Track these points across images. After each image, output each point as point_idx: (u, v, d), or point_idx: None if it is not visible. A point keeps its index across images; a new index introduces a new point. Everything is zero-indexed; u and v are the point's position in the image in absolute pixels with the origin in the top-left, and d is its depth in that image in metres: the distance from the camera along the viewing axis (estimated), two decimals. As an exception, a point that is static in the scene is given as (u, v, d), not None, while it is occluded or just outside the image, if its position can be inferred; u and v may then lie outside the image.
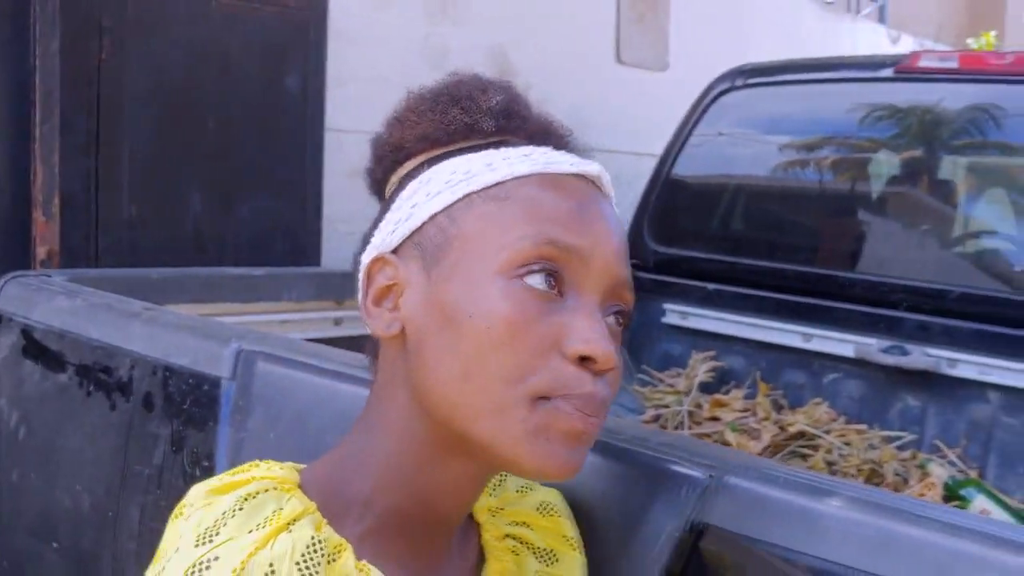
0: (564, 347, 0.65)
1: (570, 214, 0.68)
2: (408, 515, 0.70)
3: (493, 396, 0.65)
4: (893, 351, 2.35)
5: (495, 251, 0.66)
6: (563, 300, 0.67)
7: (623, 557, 0.88)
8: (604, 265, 0.68)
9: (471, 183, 0.69)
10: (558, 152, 0.73)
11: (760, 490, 0.84)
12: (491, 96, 0.75)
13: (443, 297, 0.67)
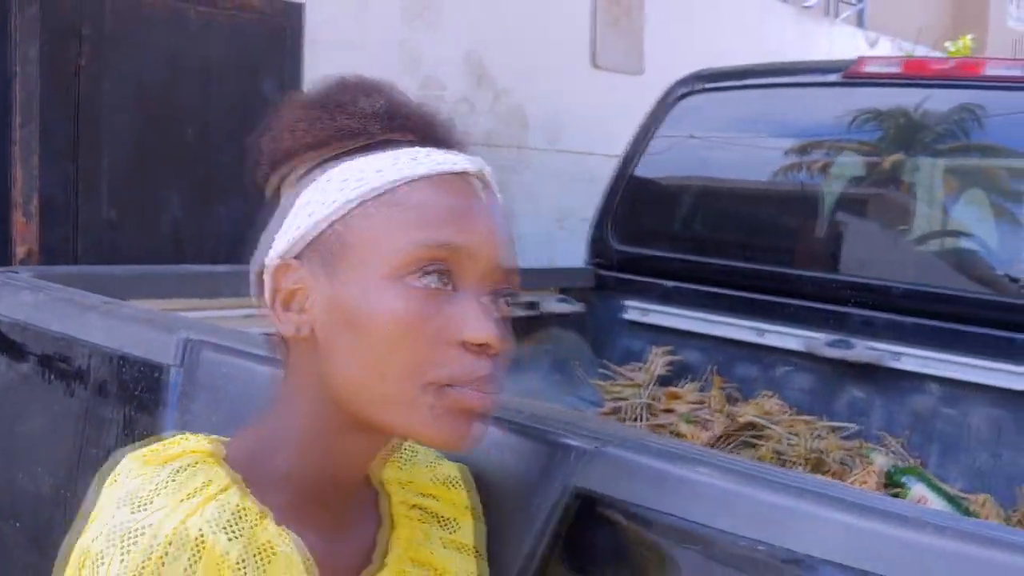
0: (459, 337, 0.73)
1: (456, 214, 0.75)
2: (321, 486, 0.79)
3: (400, 390, 0.73)
4: (838, 345, 2.44)
5: (389, 256, 0.73)
6: (454, 294, 0.74)
7: (519, 521, 0.97)
8: (490, 258, 0.76)
9: (363, 189, 0.75)
10: (443, 152, 0.79)
11: (635, 458, 0.93)
12: (374, 99, 0.79)
13: (345, 300, 0.74)
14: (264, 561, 0.69)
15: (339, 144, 0.78)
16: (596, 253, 2.96)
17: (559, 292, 2.87)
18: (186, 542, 0.65)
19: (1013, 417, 2.31)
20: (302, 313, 0.76)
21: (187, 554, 0.65)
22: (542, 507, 0.96)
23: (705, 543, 0.87)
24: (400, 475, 0.90)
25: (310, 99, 0.81)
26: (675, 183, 2.91)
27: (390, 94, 0.82)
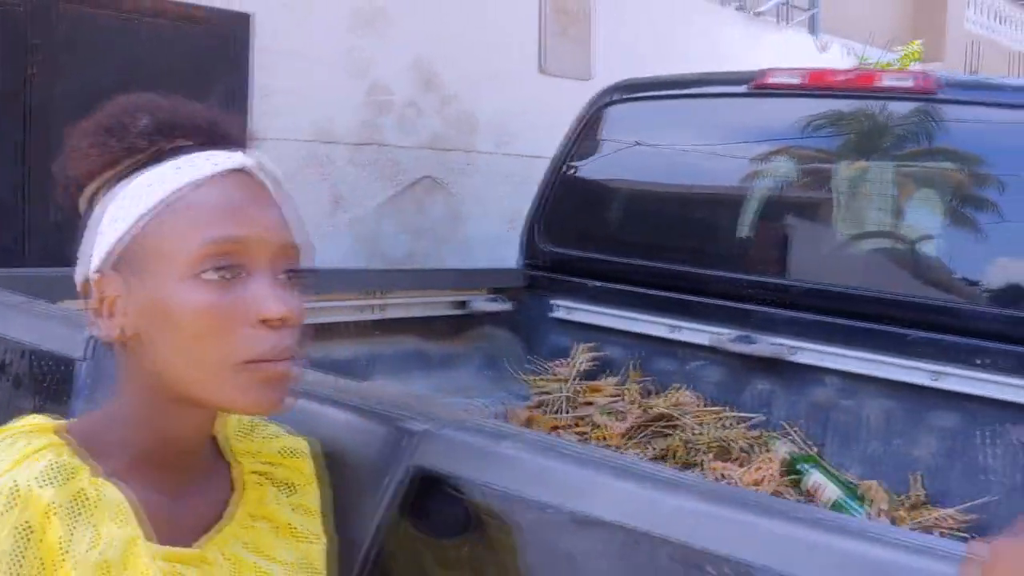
0: (257, 317, 0.86)
1: (235, 209, 0.86)
2: (157, 452, 0.92)
3: (215, 372, 0.86)
4: (741, 340, 2.60)
5: (183, 256, 0.85)
6: (241, 280, 0.86)
7: (368, 495, 1.11)
8: (267, 242, 0.87)
9: (152, 201, 0.87)
10: (223, 153, 0.89)
11: (462, 438, 1.07)
12: (139, 119, 0.89)
13: (155, 302, 0.86)
14: (79, 505, 0.82)
15: (130, 161, 0.89)
16: (527, 254, 3.11)
17: (490, 292, 3.01)
18: (5, 489, 0.79)
19: (903, 408, 2.47)
20: (122, 317, 0.88)
21: (5, 498, 0.79)
22: (387, 483, 1.10)
23: (520, 509, 1.01)
24: (249, 447, 1.04)
25: (96, 124, 0.91)
26: (599, 187, 3.05)
27: (168, 107, 0.92)
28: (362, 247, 4.23)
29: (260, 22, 3.65)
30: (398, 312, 2.80)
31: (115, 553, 0.84)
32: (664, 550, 0.90)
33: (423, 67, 4.36)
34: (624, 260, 2.91)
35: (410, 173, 4.37)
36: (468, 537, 1.07)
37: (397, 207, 4.34)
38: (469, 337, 3.00)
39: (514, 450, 1.02)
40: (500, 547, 1.03)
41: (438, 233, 4.48)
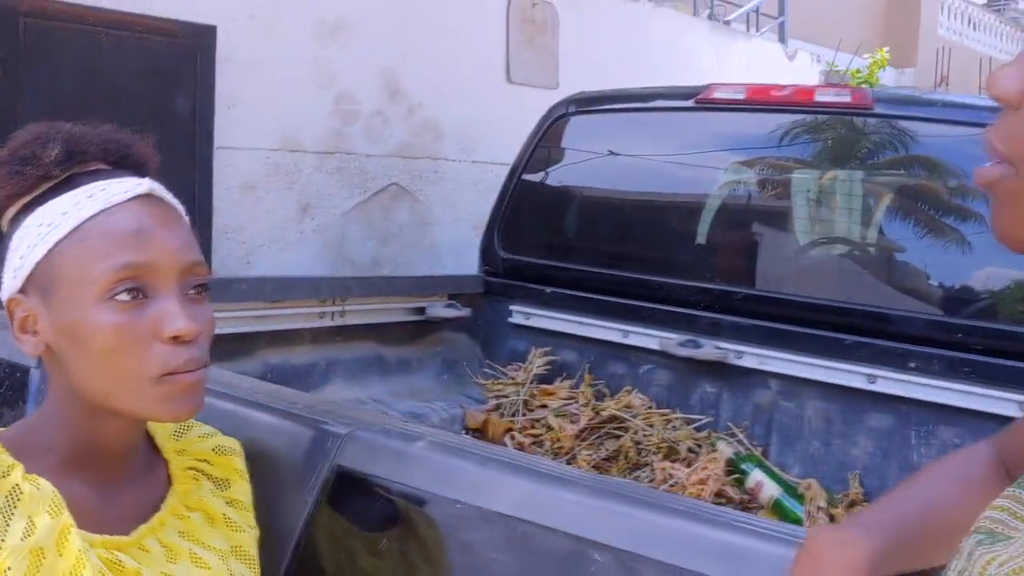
0: (163, 335, 0.94)
1: (138, 236, 0.94)
2: (84, 454, 1.00)
3: (129, 387, 0.94)
4: (688, 344, 2.68)
5: (88, 284, 0.92)
6: (150, 300, 0.94)
7: (296, 488, 1.20)
8: (172, 263, 0.95)
9: (56, 234, 0.93)
10: (119, 182, 0.96)
11: (376, 439, 1.16)
12: (50, 149, 0.95)
13: (65, 324, 0.94)
14: (13, 499, 0.90)
15: (46, 186, 0.97)
16: (485, 261, 3.19)
17: (449, 298, 3.09)
18: None
19: (841, 410, 2.56)
20: (36, 335, 0.96)
21: None
22: (314, 480, 1.18)
23: (427, 504, 1.09)
24: (184, 446, 1.12)
25: (11, 153, 0.97)
26: (554, 197, 3.14)
27: (79, 134, 0.99)
28: (329, 253, 4.31)
29: (225, 34, 3.72)
30: (357, 319, 2.87)
31: (48, 540, 0.92)
32: (555, 540, 0.99)
33: (389, 76, 4.43)
34: (578, 267, 2.99)
35: (377, 181, 4.45)
36: (386, 529, 1.15)
37: (364, 214, 4.41)
38: (428, 342, 3.08)
39: (424, 451, 1.11)
40: (414, 539, 1.11)
41: (405, 239, 4.56)
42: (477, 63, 4.82)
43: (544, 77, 5.10)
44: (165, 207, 1.00)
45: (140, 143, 1.06)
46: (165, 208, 1.00)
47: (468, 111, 4.70)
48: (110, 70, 3.31)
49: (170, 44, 3.47)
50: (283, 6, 3.97)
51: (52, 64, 3.15)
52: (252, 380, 1.35)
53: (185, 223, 1.03)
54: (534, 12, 5.08)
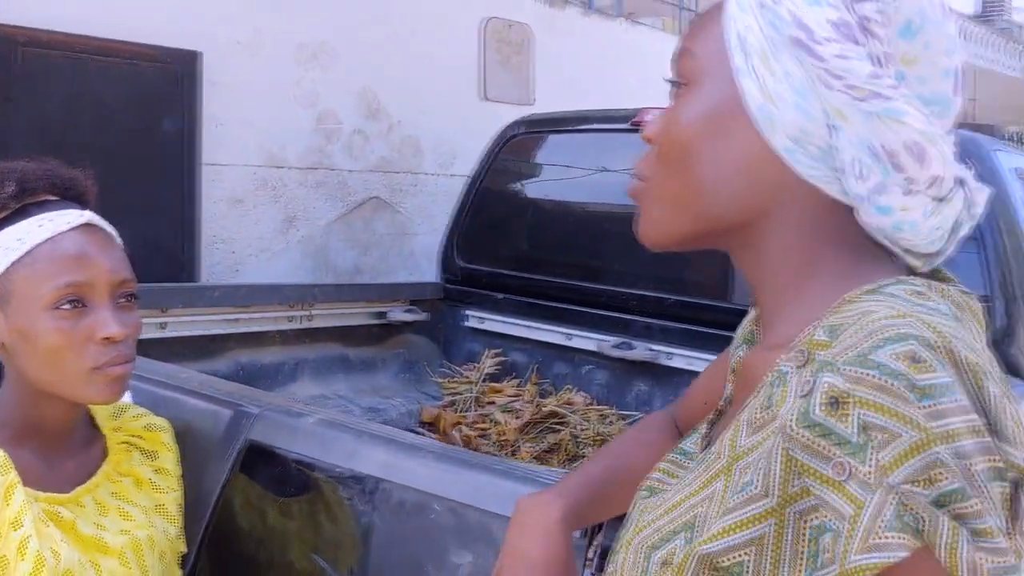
0: (97, 337, 1.19)
1: (74, 260, 1.19)
2: (32, 428, 1.25)
3: (68, 378, 1.19)
4: (622, 346, 2.93)
5: (37, 298, 1.17)
6: (87, 309, 1.19)
7: (216, 459, 1.45)
8: (106, 280, 1.20)
9: (11, 255, 1.18)
10: (64, 213, 1.19)
11: (279, 417, 1.41)
12: (7, 186, 1.18)
13: (19, 328, 1.19)
14: None
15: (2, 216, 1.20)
16: (445, 268, 3.45)
17: (410, 303, 3.36)
18: None
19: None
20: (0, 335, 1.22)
21: None
22: (230, 452, 1.44)
23: (317, 469, 1.35)
24: (120, 424, 1.38)
25: None
26: (505, 211, 3.40)
27: (31, 171, 1.23)
28: (312, 262, 4.58)
29: (209, 59, 3.99)
30: (323, 322, 3.14)
31: None
32: (406, 494, 1.24)
33: (369, 97, 4.70)
34: (527, 275, 3.25)
35: (358, 194, 4.72)
36: (285, 490, 1.41)
37: (346, 225, 4.68)
38: (391, 344, 3.34)
39: (313, 426, 1.37)
40: (307, 497, 1.37)
41: (385, 248, 4.83)
42: (453, 82, 5.09)
43: (519, 94, 5.36)
44: (101, 233, 1.26)
45: (82, 177, 1.32)
46: (101, 234, 1.25)
47: (445, 128, 4.96)
48: (101, 94, 3.59)
49: (157, 69, 3.75)
50: (265, 32, 4.24)
51: (47, 89, 3.42)
52: (189, 371, 1.60)
53: (118, 245, 1.29)
54: (510, 32, 5.34)
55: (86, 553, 1.26)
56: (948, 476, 0.55)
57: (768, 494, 0.60)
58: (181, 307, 2.78)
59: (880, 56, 0.66)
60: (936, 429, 0.55)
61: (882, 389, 0.56)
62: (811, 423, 0.58)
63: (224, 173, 4.19)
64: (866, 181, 0.67)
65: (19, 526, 1.18)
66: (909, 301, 0.63)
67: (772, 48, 0.68)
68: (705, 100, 0.72)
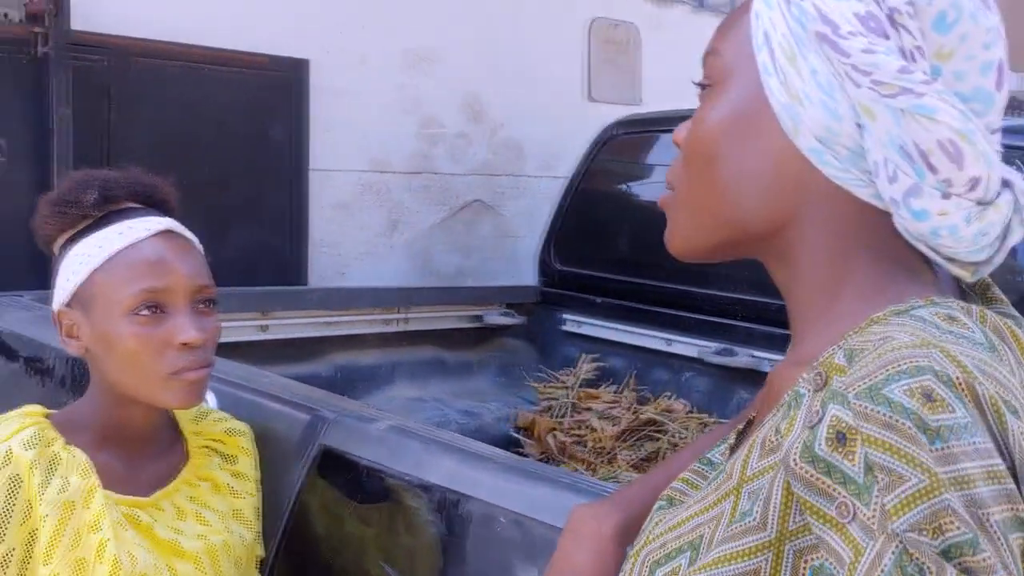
0: (175, 342, 1.20)
1: (153, 267, 1.21)
2: (114, 431, 1.27)
3: (147, 382, 1.21)
4: (723, 353, 2.85)
5: (118, 303, 1.19)
6: (166, 315, 1.21)
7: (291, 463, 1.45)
8: (183, 286, 1.22)
9: (92, 262, 1.21)
10: (144, 220, 1.22)
11: (353, 423, 1.41)
12: (88, 193, 1.22)
13: (101, 333, 1.21)
14: (54, 463, 1.18)
15: (85, 223, 1.24)
16: (542, 272, 3.43)
17: (506, 306, 3.34)
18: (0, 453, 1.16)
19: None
20: (79, 340, 1.24)
21: (0, 459, 1.15)
22: (304, 457, 1.44)
23: (386, 476, 1.34)
24: (201, 428, 1.40)
25: (57, 197, 1.25)
26: (604, 213, 3.34)
27: (113, 180, 1.26)
28: (415, 265, 4.62)
29: (317, 66, 4.07)
30: (420, 325, 3.15)
31: (78, 496, 1.20)
32: (471, 505, 1.21)
33: (472, 100, 4.71)
34: (625, 278, 3.19)
35: (461, 197, 4.73)
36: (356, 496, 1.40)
37: (448, 229, 4.70)
38: (486, 347, 3.34)
39: (383, 432, 1.35)
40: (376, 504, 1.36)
41: (487, 251, 4.83)
42: (558, 83, 5.05)
43: (625, 94, 5.29)
44: (180, 240, 1.27)
45: (162, 184, 1.34)
46: (180, 241, 1.27)
47: (548, 130, 4.93)
48: (213, 102, 3.69)
49: (267, 77, 3.84)
50: (371, 39, 4.30)
51: (161, 100, 3.54)
52: (269, 375, 1.62)
53: (197, 251, 1.30)
54: (615, 32, 5.28)
55: (162, 557, 1.27)
56: (958, 525, 0.50)
57: (766, 527, 0.57)
58: (281, 310, 2.83)
59: (911, 50, 0.62)
60: (946, 474, 0.51)
61: (890, 427, 0.52)
62: (815, 457, 0.54)
63: (331, 178, 4.27)
64: (898, 183, 0.62)
65: (98, 529, 1.21)
66: (937, 327, 0.59)
67: (798, 45, 0.65)
68: (730, 101, 0.69)
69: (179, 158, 3.61)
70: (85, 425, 1.27)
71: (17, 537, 1.17)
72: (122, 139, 3.46)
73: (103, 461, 1.24)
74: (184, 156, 3.63)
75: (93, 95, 3.37)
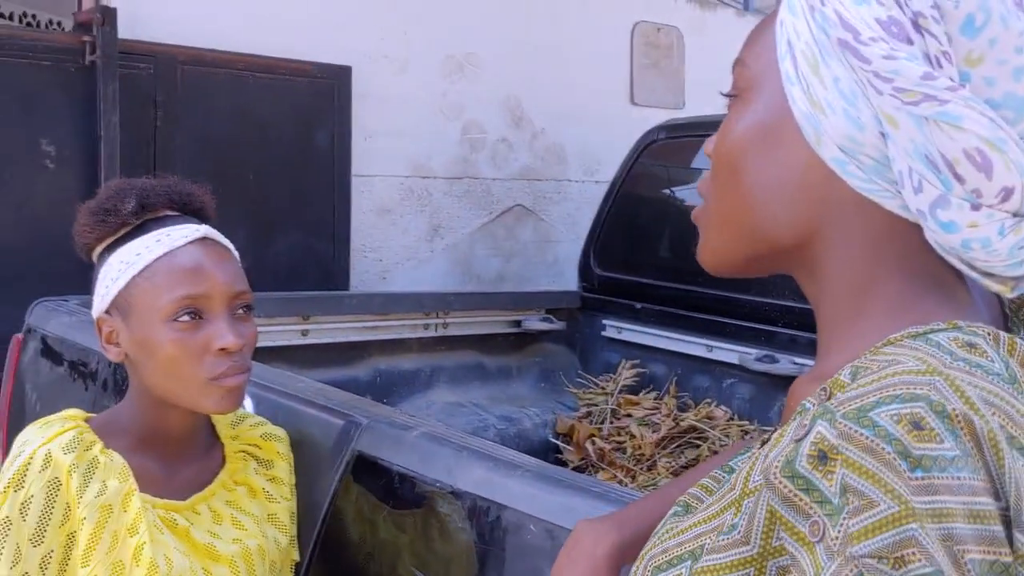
0: (213, 347, 1.21)
1: (192, 273, 1.22)
2: (152, 436, 1.29)
3: (188, 387, 1.22)
4: (765, 360, 2.81)
5: (156, 310, 1.20)
6: (204, 321, 1.22)
7: (326, 467, 1.46)
8: (222, 292, 1.23)
9: (132, 269, 1.22)
10: (182, 228, 1.23)
11: (386, 428, 1.41)
12: (127, 201, 1.23)
13: (140, 339, 1.22)
14: (92, 467, 1.19)
15: (117, 233, 1.26)
16: (582, 277, 3.41)
17: (545, 312, 3.33)
18: (40, 456, 1.17)
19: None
20: (118, 346, 1.26)
21: (40, 462, 1.17)
22: (338, 462, 1.45)
23: (418, 482, 1.34)
24: (238, 433, 1.41)
25: (97, 205, 1.27)
26: (645, 218, 3.32)
27: (151, 188, 1.28)
28: (458, 270, 4.63)
29: (360, 73, 4.10)
30: (459, 330, 3.15)
31: (116, 499, 1.22)
32: (505, 514, 1.21)
33: (514, 105, 4.72)
34: (667, 284, 3.16)
35: (502, 202, 4.74)
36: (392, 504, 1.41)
37: (490, 233, 4.71)
38: (526, 353, 3.33)
39: (416, 439, 1.35)
40: (408, 510, 1.36)
41: (528, 256, 4.83)
42: (600, 88, 5.04)
43: (669, 99, 5.26)
44: (218, 247, 1.28)
45: (199, 192, 1.36)
46: (217, 248, 1.28)
47: (590, 134, 4.92)
48: (257, 109, 3.74)
49: (310, 83, 3.88)
50: (413, 45, 4.32)
51: (206, 106, 3.60)
52: (305, 379, 1.63)
53: (234, 258, 1.31)
54: (659, 36, 5.25)
55: (198, 560, 1.29)
56: (920, 558, 0.49)
57: (749, 543, 0.57)
58: (322, 315, 2.85)
59: (936, 56, 0.59)
60: (921, 505, 0.49)
61: (871, 451, 0.51)
62: (795, 473, 0.54)
63: (373, 184, 4.30)
64: (924, 194, 0.60)
65: (135, 532, 1.22)
66: (952, 354, 0.57)
67: (821, 52, 0.63)
68: (755, 111, 0.68)
69: (224, 164, 3.67)
70: (124, 429, 1.29)
71: (56, 539, 1.19)
72: (168, 146, 3.52)
73: (141, 465, 1.26)
74: (229, 162, 3.69)
75: (140, 102, 3.43)
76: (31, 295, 3.03)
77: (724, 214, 0.72)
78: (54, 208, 3.24)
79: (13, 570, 1.17)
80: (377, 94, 4.22)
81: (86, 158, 3.32)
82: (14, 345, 2.18)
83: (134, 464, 1.25)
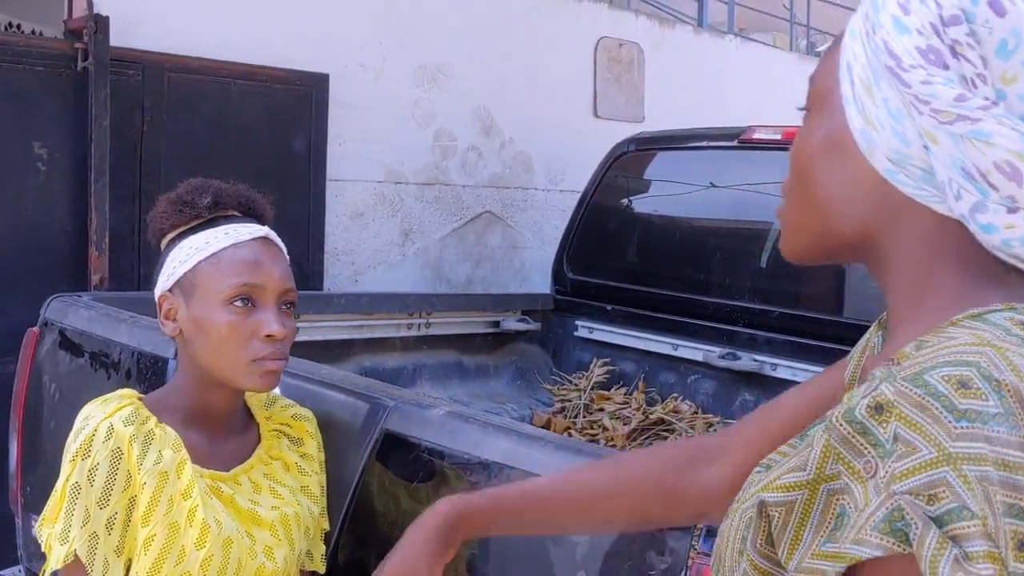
0: (261, 334, 1.37)
1: (251, 265, 1.37)
2: (200, 412, 1.43)
3: (234, 366, 1.36)
4: (728, 357, 3.01)
5: (217, 292, 1.36)
6: (256, 309, 1.37)
7: (354, 446, 1.61)
8: (274, 286, 1.38)
9: (201, 256, 1.37)
10: (246, 225, 1.39)
11: (413, 409, 1.57)
12: (203, 197, 1.38)
13: (197, 317, 1.37)
14: (149, 438, 1.33)
15: (196, 223, 1.41)
16: (556, 281, 3.59)
17: (521, 313, 3.50)
18: (103, 429, 1.31)
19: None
20: (175, 323, 1.40)
21: (103, 434, 1.30)
22: (368, 440, 1.60)
23: (446, 457, 1.50)
24: (271, 413, 1.55)
25: (176, 196, 1.42)
26: (615, 225, 3.52)
27: (224, 189, 1.43)
28: (428, 273, 4.78)
29: (336, 80, 4.24)
30: (440, 329, 3.31)
31: (171, 467, 1.35)
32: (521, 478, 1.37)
33: (484, 115, 4.89)
34: (635, 287, 3.36)
35: (472, 208, 4.90)
36: (417, 475, 1.56)
37: (459, 238, 4.87)
38: (503, 352, 3.50)
39: (442, 417, 1.51)
40: (435, 481, 1.52)
41: (497, 261, 5.00)
42: (566, 100, 5.23)
43: (630, 112, 5.48)
44: (274, 247, 1.44)
45: (262, 199, 1.51)
46: (274, 248, 1.44)
47: (556, 144, 5.11)
48: (239, 114, 3.86)
49: (289, 90, 4.01)
50: (388, 55, 4.47)
51: (190, 111, 3.71)
52: (330, 368, 1.77)
53: (286, 259, 1.47)
54: (621, 52, 5.46)
55: (243, 524, 1.43)
56: (950, 496, 0.57)
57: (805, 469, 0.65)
58: (311, 313, 2.99)
59: (972, 78, 0.67)
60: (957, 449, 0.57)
61: (921, 408, 0.59)
62: (852, 419, 0.62)
63: (346, 188, 4.43)
64: (963, 200, 0.68)
65: (188, 496, 1.36)
66: (1007, 331, 0.64)
67: (873, 75, 0.72)
68: (820, 126, 0.77)
69: (206, 167, 3.77)
70: (173, 406, 1.43)
71: (120, 502, 1.32)
72: (153, 149, 3.62)
73: (189, 438, 1.40)
74: (210, 165, 3.79)
75: (128, 107, 3.53)
76: (22, 293, 3.12)
77: (797, 213, 0.80)
78: (45, 208, 3.33)
79: (83, 529, 1.30)
80: (353, 102, 4.36)
81: (76, 161, 3.41)
82: (29, 339, 2.28)
83: (183, 437, 1.39)
